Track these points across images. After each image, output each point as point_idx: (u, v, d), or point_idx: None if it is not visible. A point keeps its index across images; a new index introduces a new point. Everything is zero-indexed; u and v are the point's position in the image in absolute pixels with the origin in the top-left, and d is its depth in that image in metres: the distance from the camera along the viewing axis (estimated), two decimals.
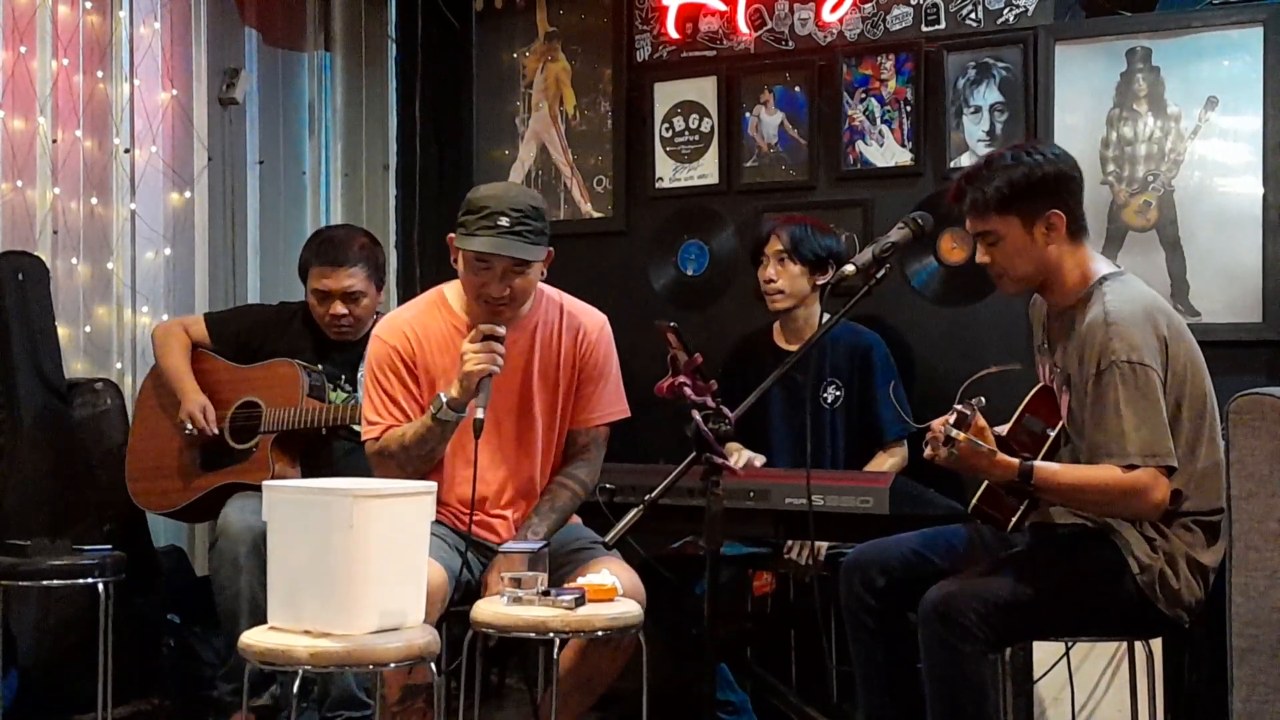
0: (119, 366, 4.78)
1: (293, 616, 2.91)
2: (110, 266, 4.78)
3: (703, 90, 4.91)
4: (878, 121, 4.62)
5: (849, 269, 3.15)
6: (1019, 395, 3.28)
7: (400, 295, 5.24)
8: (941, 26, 4.53)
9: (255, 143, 5.31)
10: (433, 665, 2.99)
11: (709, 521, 2.83)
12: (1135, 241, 4.22)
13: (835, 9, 4.66)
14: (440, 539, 3.34)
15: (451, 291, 3.53)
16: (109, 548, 3.89)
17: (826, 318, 4.03)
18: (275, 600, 2.95)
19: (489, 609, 3.10)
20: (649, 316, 3.31)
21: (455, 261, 3.42)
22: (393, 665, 2.91)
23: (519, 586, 3.10)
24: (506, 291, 3.35)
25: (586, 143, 5.15)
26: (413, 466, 3.37)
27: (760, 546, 3.97)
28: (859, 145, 4.64)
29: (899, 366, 4.23)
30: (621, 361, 3.62)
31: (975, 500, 3.18)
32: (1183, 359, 3.08)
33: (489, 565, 3.39)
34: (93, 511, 4.33)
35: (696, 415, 2.83)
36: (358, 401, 3.96)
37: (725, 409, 2.86)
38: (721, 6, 4.85)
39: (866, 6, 4.63)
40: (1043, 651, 3.70)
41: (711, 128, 4.89)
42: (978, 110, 4.46)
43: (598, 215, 5.12)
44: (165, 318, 4.85)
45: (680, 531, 3.82)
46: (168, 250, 4.95)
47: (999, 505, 3.14)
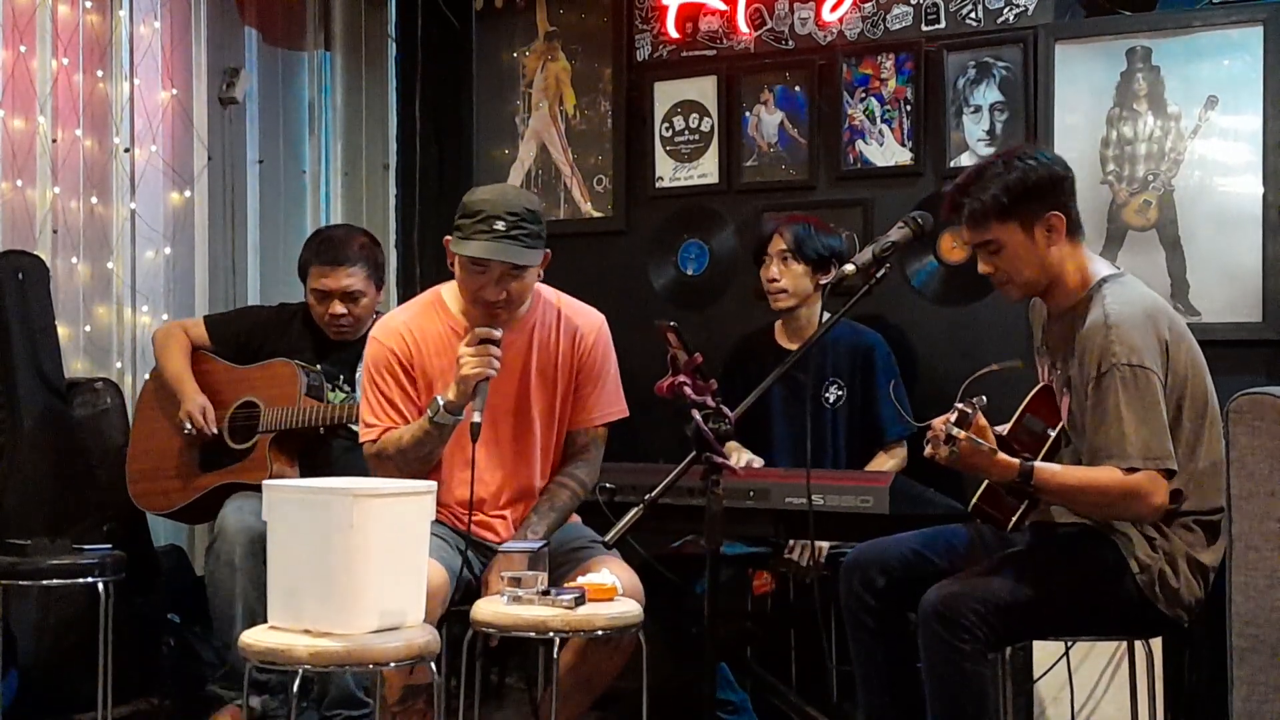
0: (119, 366, 4.78)
1: (293, 616, 2.90)
2: (110, 266, 4.78)
3: (703, 90, 4.90)
4: (878, 121, 4.62)
5: (849, 268, 3.15)
6: (1019, 395, 3.27)
7: (400, 295, 5.24)
8: (941, 26, 4.53)
9: (255, 142, 5.31)
10: (433, 665, 2.99)
11: (709, 521, 2.83)
12: (1135, 241, 4.22)
13: (835, 8, 4.66)
14: (440, 539, 3.34)
15: (448, 293, 3.53)
16: (109, 547, 3.88)
17: (828, 317, 4.03)
18: (275, 600, 2.95)
19: (489, 608, 3.10)
20: (649, 316, 3.31)
21: (452, 264, 3.42)
22: (392, 665, 2.91)
23: (519, 586, 3.10)
24: (503, 295, 3.35)
25: (586, 142, 5.15)
26: (410, 469, 3.37)
27: (760, 546, 3.97)
28: (859, 145, 4.64)
29: (899, 366, 4.23)
30: (621, 361, 3.62)
31: (975, 499, 3.19)
32: (1183, 360, 3.08)
33: (489, 565, 3.39)
34: (93, 511, 4.33)
35: (696, 415, 2.83)
36: (356, 401, 3.96)
37: (725, 408, 2.86)
38: (721, 6, 4.84)
39: (866, 6, 4.63)
40: (1042, 651, 3.69)
41: (711, 127, 4.89)
42: (978, 110, 4.46)
43: (598, 215, 5.12)
44: (165, 317, 4.85)
45: (680, 531, 3.82)
46: (168, 249, 4.95)
47: (999, 504, 3.14)
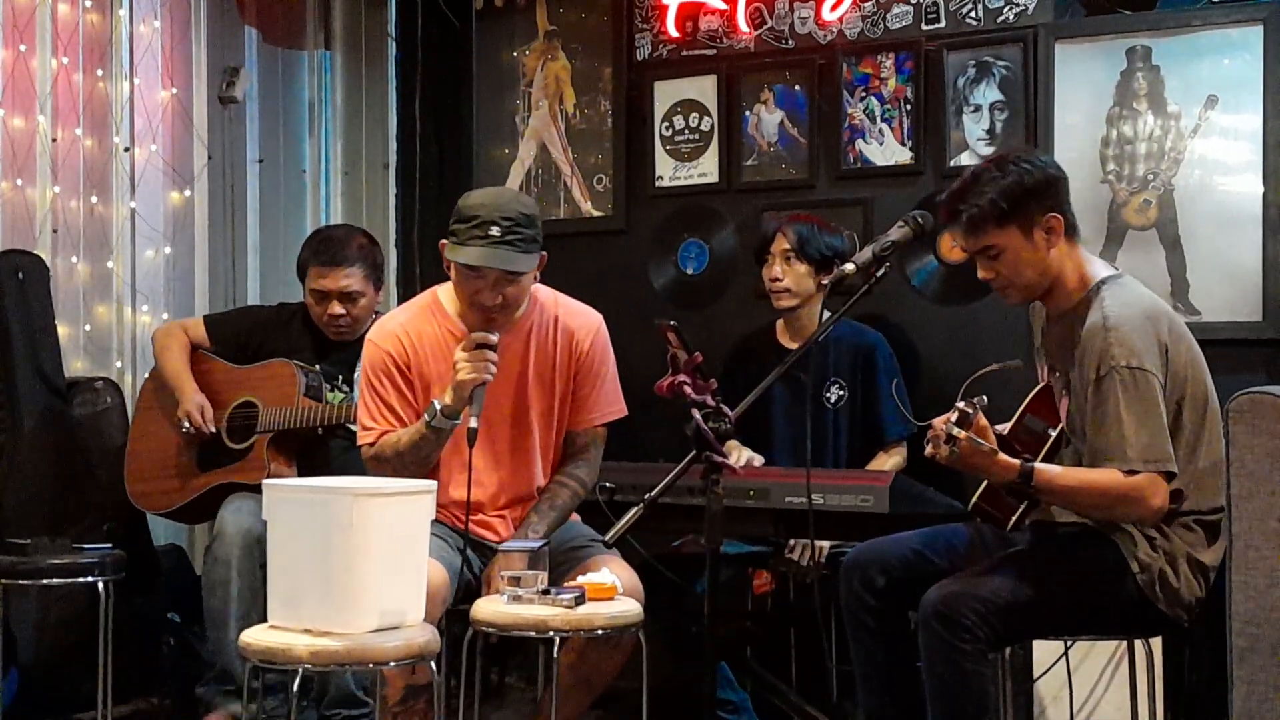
0: (119, 365, 4.78)
1: (293, 615, 2.90)
2: (110, 265, 4.77)
3: (703, 89, 4.90)
4: (878, 120, 4.61)
5: (849, 267, 3.14)
6: (1020, 394, 3.28)
7: (400, 295, 5.23)
8: (941, 25, 4.53)
9: (255, 141, 5.31)
10: (433, 664, 2.99)
11: (709, 520, 2.83)
12: (1135, 240, 4.22)
13: (835, 7, 4.65)
14: (440, 538, 3.34)
15: (445, 294, 3.52)
16: (109, 547, 3.89)
17: (829, 316, 4.03)
18: (275, 599, 2.95)
19: (489, 608, 3.10)
20: (649, 315, 3.31)
21: (448, 269, 3.42)
22: (392, 664, 2.91)
23: (519, 585, 3.10)
24: (499, 300, 3.35)
25: (586, 141, 5.14)
26: (408, 471, 3.37)
27: (760, 545, 3.97)
28: (859, 144, 4.64)
29: (899, 365, 4.23)
30: (621, 361, 3.62)
31: (975, 499, 3.19)
32: (1183, 361, 3.07)
33: (489, 564, 3.39)
34: (93, 510, 4.33)
35: (696, 414, 2.82)
36: (354, 401, 3.96)
37: (725, 408, 2.86)
38: (721, 5, 4.84)
39: (866, 5, 4.62)
40: (1042, 651, 3.69)
41: (711, 126, 4.89)
42: (978, 109, 4.46)
43: (598, 214, 5.12)
44: (165, 316, 4.85)
45: (680, 530, 3.82)
46: (168, 249, 4.95)
47: (999, 504, 3.14)
